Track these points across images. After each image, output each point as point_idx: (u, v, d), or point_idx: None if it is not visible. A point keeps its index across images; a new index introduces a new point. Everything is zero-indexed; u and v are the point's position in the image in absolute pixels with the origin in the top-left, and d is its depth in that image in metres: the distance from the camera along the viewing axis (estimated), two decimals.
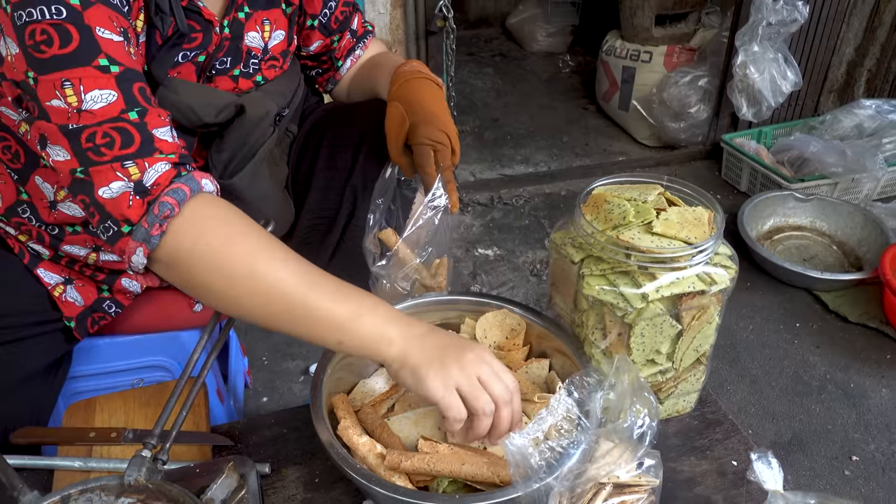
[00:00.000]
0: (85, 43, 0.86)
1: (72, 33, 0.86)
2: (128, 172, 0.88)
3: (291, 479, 1.00)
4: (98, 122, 0.87)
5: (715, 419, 1.10)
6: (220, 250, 0.88)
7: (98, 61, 0.87)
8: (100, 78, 0.87)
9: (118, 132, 0.87)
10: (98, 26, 0.87)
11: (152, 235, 0.88)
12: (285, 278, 0.88)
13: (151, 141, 0.89)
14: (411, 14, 2.47)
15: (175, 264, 0.90)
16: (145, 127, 0.89)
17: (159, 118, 0.92)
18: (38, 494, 0.79)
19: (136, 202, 0.88)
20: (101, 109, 0.87)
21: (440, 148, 1.11)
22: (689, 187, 1.04)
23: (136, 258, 0.90)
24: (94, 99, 0.87)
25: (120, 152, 0.87)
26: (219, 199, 0.94)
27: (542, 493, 0.80)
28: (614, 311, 0.96)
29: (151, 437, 0.83)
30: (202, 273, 0.89)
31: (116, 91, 0.88)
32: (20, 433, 1.05)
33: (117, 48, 0.89)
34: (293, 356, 2.07)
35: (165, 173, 0.89)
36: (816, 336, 2.17)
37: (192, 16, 1.05)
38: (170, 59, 1.05)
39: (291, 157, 1.37)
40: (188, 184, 0.89)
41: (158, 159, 0.89)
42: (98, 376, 1.33)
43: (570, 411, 0.86)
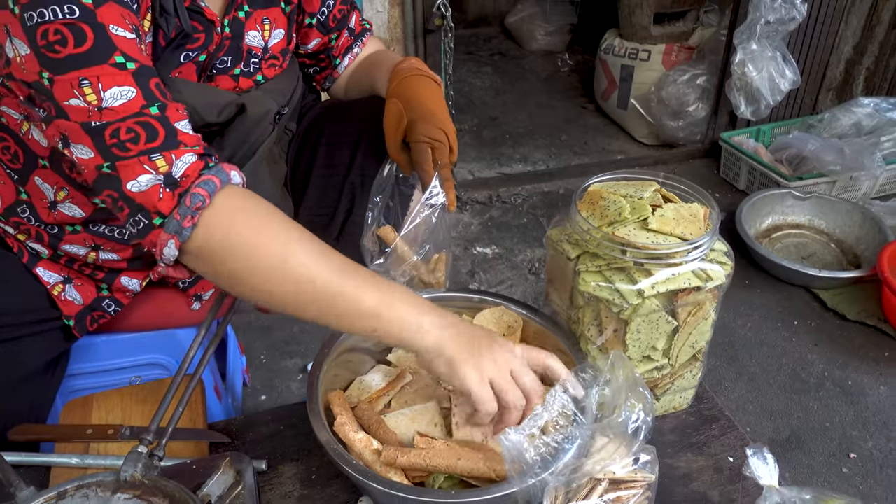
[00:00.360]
0: (100, 41, 0.86)
1: (86, 32, 0.86)
2: (155, 165, 0.88)
3: (288, 476, 1.00)
4: (121, 118, 0.87)
5: (711, 415, 1.10)
6: (251, 241, 0.89)
7: (114, 59, 0.87)
8: (117, 75, 0.87)
9: (142, 126, 0.88)
10: (111, 24, 0.87)
11: (184, 227, 0.88)
12: (316, 267, 0.88)
13: (175, 134, 0.89)
14: (409, 12, 2.47)
15: (207, 255, 0.90)
16: (168, 121, 0.90)
17: (178, 112, 0.92)
18: (34, 490, 0.79)
19: (166, 194, 0.88)
20: (122, 106, 0.87)
21: (438, 146, 1.11)
22: (685, 184, 1.04)
23: (168, 250, 0.90)
24: (114, 96, 0.87)
25: (146, 146, 0.87)
26: (247, 190, 0.94)
27: (537, 489, 0.81)
28: (610, 307, 0.96)
29: (148, 433, 0.83)
30: (233, 263, 0.89)
31: (135, 87, 0.88)
32: (18, 430, 1.05)
33: (131, 45, 0.90)
34: (291, 354, 2.07)
35: (193, 164, 0.89)
36: (815, 334, 2.18)
37: (194, 16, 1.05)
38: (174, 59, 1.05)
39: (290, 155, 1.38)
40: (218, 175, 0.90)
41: (185, 151, 0.89)
42: (96, 374, 1.33)
43: (565, 407, 0.86)
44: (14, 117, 1.04)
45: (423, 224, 1.06)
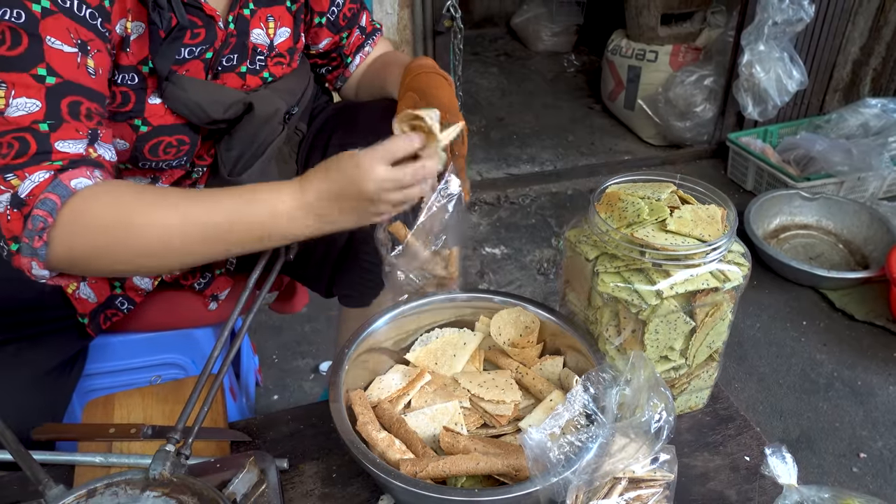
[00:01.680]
0: (31, 50, 0.87)
1: (22, 38, 0.87)
2: (10, 185, 0.86)
3: (309, 475, 1.01)
4: (8, 129, 0.87)
5: (727, 415, 1.11)
6: (112, 237, 0.89)
7: (37, 70, 0.87)
8: (31, 87, 0.87)
9: (18, 141, 0.86)
10: (51, 36, 0.88)
11: (36, 248, 0.86)
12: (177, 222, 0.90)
13: (48, 151, 0.87)
14: (419, 14, 2.48)
15: (75, 265, 0.90)
16: (47, 138, 0.88)
17: (75, 132, 0.90)
18: (63, 488, 0.80)
19: (14, 216, 0.86)
20: (18, 117, 0.87)
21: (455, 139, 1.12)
22: (702, 185, 1.05)
23: (37, 272, 0.89)
24: (18, 106, 0.87)
25: (12, 161, 0.86)
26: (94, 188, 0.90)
27: (559, 487, 0.81)
28: (629, 307, 0.97)
29: (175, 432, 0.84)
30: (107, 262, 0.91)
31: (42, 102, 0.88)
32: (42, 429, 1.06)
33: (65, 60, 0.90)
34: (303, 354, 2.08)
35: (42, 182, 0.86)
36: (823, 334, 2.18)
37: (193, 11, 1.06)
38: (172, 52, 1.05)
39: (300, 156, 1.38)
40: (56, 191, 0.86)
41: (42, 167, 0.87)
42: (112, 374, 1.34)
43: (586, 407, 0.87)
44: None
45: (438, 215, 1.06)
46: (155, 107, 1.05)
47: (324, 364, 2.04)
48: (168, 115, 1.07)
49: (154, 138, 1.07)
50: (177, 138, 1.09)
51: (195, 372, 1.38)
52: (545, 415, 0.95)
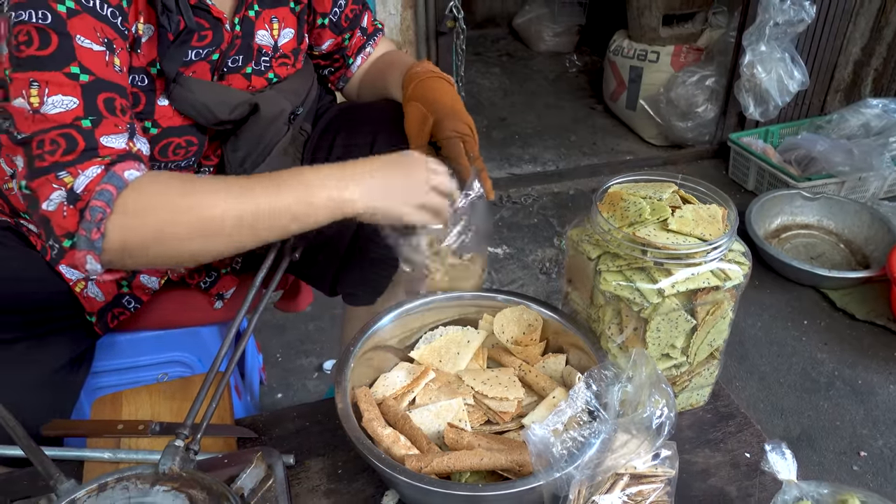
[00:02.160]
0: (62, 49, 0.89)
1: (52, 38, 0.88)
2: (63, 182, 0.88)
3: (315, 471, 1.03)
4: (50, 127, 0.88)
5: (728, 412, 1.12)
6: (165, 226, 0.90)
7: (70, 68, 0.89)
8: (66, 85, 0.89)
9: (64, 138, 0.88)
10: (79, 35, 0.90)
11: (94, 241, 0.88)
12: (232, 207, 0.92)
13: (95, 147, 0.89)
14: (422, 15, 2.49)
15: (129, 256, 0.91)
16: (92, 134, 0.90)
17: (115, 127, 0.92)
18: (74, 483, 0.82)
19: (70, 211, 0.88)
20: (57, 115, 0.88)
21: (467, 139, 1.13)
22: (703, 185, 1.06)
23: (91, 266, 0.90)
24: (55, 104, 0.88)
25: (61, 158, 0.88)
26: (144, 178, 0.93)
27: (562, 482, 0.83)
28: (631, 306, 0.98)
29: (184, 428, 0.86)
30: (160, 251, 0.92)
31: (79, 99, 0.89)
32: (51, 425, 1.07)
33: (95, 58, 0.91)
34: (307, 353, 2.09)
35: (96, 177, 0.89)
36: (824, 333, 2.19)
37: (200, 14, 1.07)
38: (179, 55, 1.07)
39: (305, 156, 1.40)
40: (111, 182, 0.89)
41: (93, 163, 0.89)
42: (119, 371, 1.35)
43: (588, 403, 0.88)
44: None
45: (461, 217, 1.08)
46: (163, 108, 1.07)
47: (328, 363, 2.05)
48: (176, 117, 1.09)
49: (164, 139, 1.09)
50: (185, 139, 1.11)
51: (201, 370, 1.40)
52: (548, 412, 0.96)
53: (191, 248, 0.93)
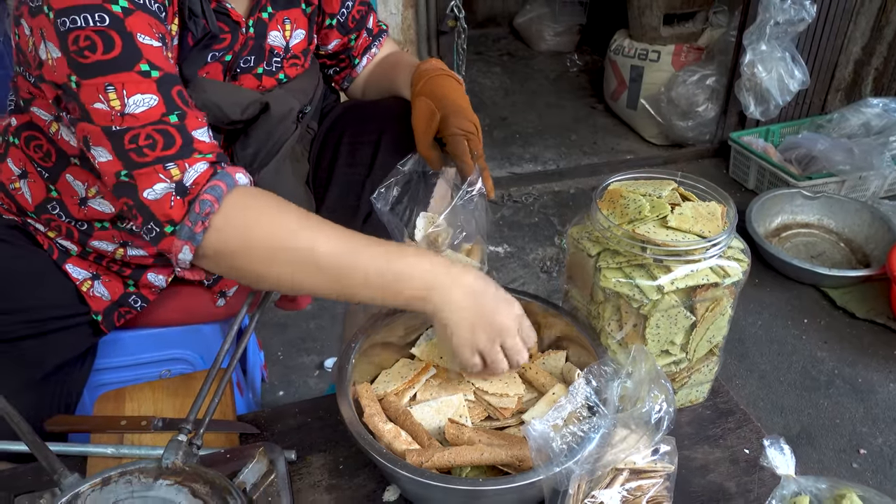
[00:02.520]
0: (127, 49, 0.90)
1: (115, 39, 0.89)
2: (170, 174, 0.91)
3: (316, 466, 1.03)
4: (141, 124, 0.90)
5: (727, 409, 1.13)
6: (263, 237, 0.92)
7: (139, 66, 0.91)
8: (141, 83, 0.91)
9: (160, 134, 0.91)
10: (139, 32, 0.91)
11: (196, 233, 0.91)
12: (329, 251, 0.91)
13: (191, 142, 0.93)
14: (423, 14, 2.50)
15: (221, 257, 0.93)
16: (185, 129, 0.93)
17: (197, 120, 0.95)
18: (78, 477, 0.82)
19: (177, 202, 0.91)
20: (143, 113, 0.90)
21: (472, 137, 1.15)
22: (702, 183, 1.07)
23: (183, 255, 0.93)
24: (137, 103, 0.90)
25: (162, 153, 0.91)
26: (254, 188, 0.97)
27: (562, 477, 0.83)
28: (630, 302, 0.98)
29: (186, 423, 0.86)
30: (249, 261, 0.93)
31: (157, 95, 0.91)
32: (54, 420, 1.08)
33: (157, 53, 0.93)
34: (308, 351, 2.10)
35: (204, 172, 0.92)
36: (824, 332, 2.20)
37: (220, 17, 1.09)
38: (201, 59, 1.08)
39: (312, 154, 1.41)
40: (223, 179, 0.92)
41: (198, 159, 0.92)
42: (122, 368, 1.36)
43: (588, 399, 0.89)
44: (44, 118, 1.08)
45: (460, 214, 1.09)
46: None
47: (328, 361, 2.05)
48: None
49: None
50: None
51: (202, 367, 1.40)
52: (548, 407, 0.97)
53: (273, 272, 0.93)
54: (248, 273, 0.95)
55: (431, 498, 0.92)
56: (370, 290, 0.93)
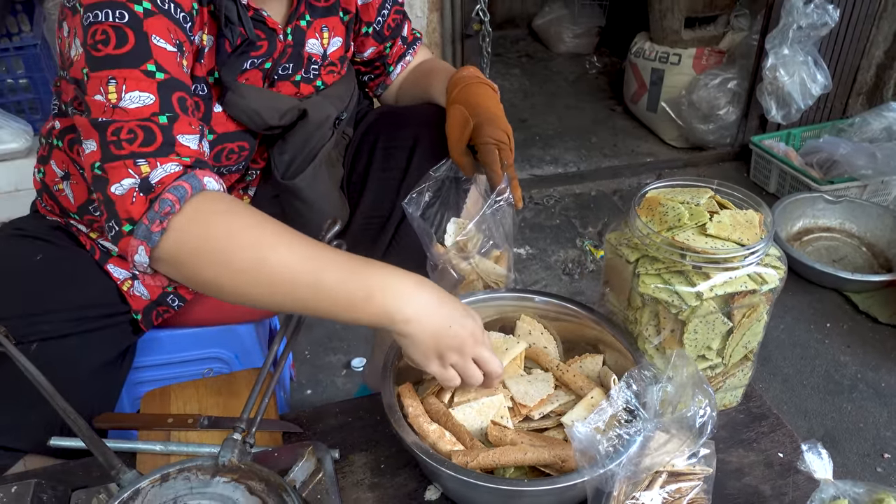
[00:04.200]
0: (138, 47, 0.92)
1: (129, 36, 0.92)
2: (139, 170, 0.89)
3: (359, 465, 1.06)
4: (128, 119, 0.91)
5: (760, 413, 1.15)
6: (224, 245, 0.89)
7: (146, 66, 0.92)
8: (143, 81, 0.92)
9: (143, 130, 0.91)
10: (155, 34, 0.93)
11: (153, 232, 0.88)
12: (291, 265, 0.89)
13: (172, 143, 0.92)
14: (448, 17, 2.52)
15: (179, 262, 0.91)
16: (170, 130, 0.92)
17: (189, 126, 0.95)
18: (136, 473, 0.85)
19: (139, 199, 0.89)
20: (135, 109, 0.91)
21: (503, 147, 1.16)
22: (739, 191, 1.09)
23: (139, 257, 0.91)
24: (132, 99, 0.91)
25: (139, 149, 0.90)
26: (222, 194, 0.94)
27: (605, 478, 0.85)
28: (669, 308, 1.00)
29: (241, 421, 0.89)
30: (207, 268, 0.90)
31: (155, 95, 0.92)
32: (102, 418, 1.11)
33: (169, 58, 0.95)
34: (335, 350, 2.13)
35: (172, 173, 0.90)
36: (847, 336, 2.21)
37: (257, 25, 1.11)
38: (239, 65, 1.11)
39: (346, 159, 1.43)
40: (189, 181, 0.90)
41: (171, 160, 0.91)
42: (159, 367, 1.39)
43: (629, 403, 0.91)
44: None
45: (487, 221, 1.11)
46: (218, 115, 1.11)
47: (356, 360, 2.08)
48: (229, 123, 1.12)
49: (219, 145, 1.12)
50: (238, 144, 1.14)
51: (238, 366, 1.43)
52: (586, 411, 0.99)
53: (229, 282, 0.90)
54: (201, 283, 0.92)
55: (475, 498, 0.95)
56: (326, 304, 0.90)
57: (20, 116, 2.24)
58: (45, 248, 1.18)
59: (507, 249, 1.20)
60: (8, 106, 2.25)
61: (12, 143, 2.14)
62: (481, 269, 1.18)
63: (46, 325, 1.10)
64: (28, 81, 2.24)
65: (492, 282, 1.20)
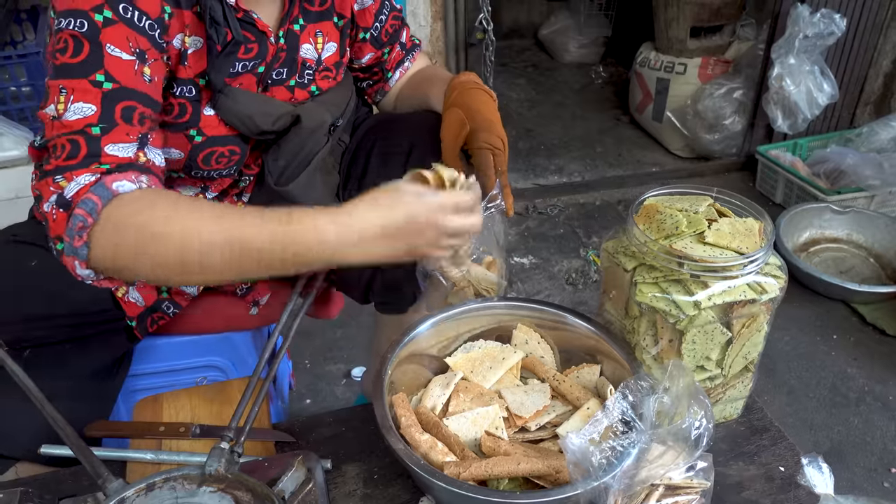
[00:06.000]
0: (91, 57, 0.92)
1: (84, 46, 0.91)
2: (58, 186, 0.88)
3: (351, 476, 1.04)
4: (64, 132, 0.90)
5: (761, 426, 1.13)
6: (147, 244, 0.88)
7: (95, 76, 0.92)
8: (89, 92, 0.91)
9: (70, 143, 0.90)
10: (110, 44, 0.93)
11: (76, 248, 0.88)
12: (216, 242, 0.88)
13: (97, 154, 0.90)
14: (451, 26, 2.52)
15: (115, 269, 0.90)
16: (98, 141, 0.90)
17: (125, 136, 0.93)
18: (122, 482, 0.84)
19: (59, 215, 0.88)
20: (73, 121, 0.90)
21: (498, 153, 1.15)
22: (738, 199, 1.07)
23: (80, 271, 0.90)
24: (75, 111, 0.91)
25: (63, 163, 0.89)
26: (137, 192, 0.91)
27: (600, 491, 0.84)
28: (666, 317, 0.99)
29: (228, 430, 0.88)
30: (143, 268, 0.89)
31: (97, 106, 0.91)
32: (94, 426, 1.10)
33: (123, 67, 0.94)
34: (334, 360, 2.11)
35: (86, 185, 0.88)
36: (854, 348, 2.18)
37: (246, 27, 1.10)
38: (226, 66, 1.10)
39: (343, 166, 1.42)
40: (96, 192, 0.88)
41: (88, 170, 0.89)
42: (155, 375, 1.38)
43: (624, 414, 0.89)
44: None
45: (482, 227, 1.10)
46: (209, 118, 1.10)
47: (356, 369, 2.07)
48: (221, 126, 1.11)
49: (207, 148, 1.11)
50: (228, 149, 1.14)
51: (235, 374, 1.42)
52: (582, 422, 0.97)
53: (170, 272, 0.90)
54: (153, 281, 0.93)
55: None
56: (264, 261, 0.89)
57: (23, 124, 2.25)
58: (40, 254, 1.17)
59: (499, 256, 1.18)
60: (11, 113, 2.26)
61: (14, 151, 2.15)
62: (472, 276, 1.16)
63: (40, 332, 1.10)
64: (31, 89, 2.24)
65: (483, 289, 1.19)
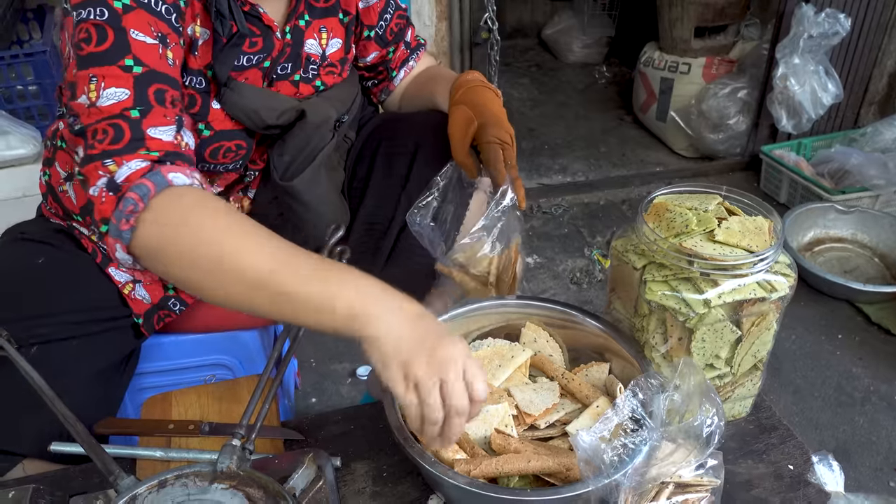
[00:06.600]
0: (117, 43, 0.93)
1: (108, 33, 0.93)
2: (108, 169, 0.90)
3: (360, 473, 1.04)
4: (103, 118, 0.92)
5: (770, 424, 1.13)
6: (187, 242, 0.88)
7: (124, 61, 0.93)
8: (120, 77, 0.93)
9: (113, 127, 0.91)
10: (134, 29, 0.94)
11: (122, 230, 0.89)
12: (253, 265, 0.86)
13: (141, 138, 0.92)
14: (456, 26, 2.52)
15: (151, 258, 0.91)
16: (139, 124, 0.92)
17: (163, 118, 0.94)
18: (134, 479, 0.84)
19: (108, 198, 0.90)
20: (109, 106, 0.92)
21: (507, 147, 1.16)
22: (748, 197, 1.07)
23: (119, 254, 0.92)
24: (108, 96, 0.92)
25: (109, 147, 0.91)
26: (191, 189, 0.92)
27: (611, 489, 0.84)
28: (676, 316, 0.99)
29: (240, 428, 0.88)
30: (174, 265, 0.89)
31: (130, 90, 0.93)
32: (104, 424, 1.10)
33: (148, 50, 0.95)
34: (340, 359, 2.12)
35: (139, 170, 0.90)
36: (859, 348, 2.18)
37: (252, 21, 1.11)
38: (230, 58, 1.10)
39: (348, 163, 1.43)
40: (153, 179, 0.89)
41: (138, 156, 0.91)
42: (162, 373, 1.38)
43: (634, 412, 0.89)
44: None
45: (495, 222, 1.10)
46: (216, 111, 1.11)
47: (361, 368, 2.07)
48: (227, 120, 1.12)
49: (215, 142, 1.12)
50: (235, 143, 1.14)
51: (242, 372, 1.42)
52: (592, 420, 0.97)
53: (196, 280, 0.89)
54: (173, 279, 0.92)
55: None
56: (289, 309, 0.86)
57: (30, 122, 2.25)
58: (47, 251, 1.18)
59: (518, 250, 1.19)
60: (18, 112, 2.26)
61: (21, 149, 2.15)
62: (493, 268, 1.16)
63: (47, 329, 1.10)
64: (38, 88, 2.25)
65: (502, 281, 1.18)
